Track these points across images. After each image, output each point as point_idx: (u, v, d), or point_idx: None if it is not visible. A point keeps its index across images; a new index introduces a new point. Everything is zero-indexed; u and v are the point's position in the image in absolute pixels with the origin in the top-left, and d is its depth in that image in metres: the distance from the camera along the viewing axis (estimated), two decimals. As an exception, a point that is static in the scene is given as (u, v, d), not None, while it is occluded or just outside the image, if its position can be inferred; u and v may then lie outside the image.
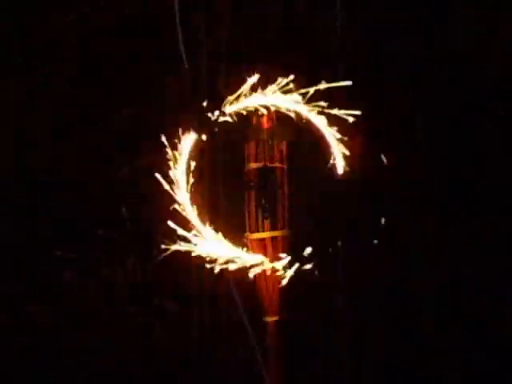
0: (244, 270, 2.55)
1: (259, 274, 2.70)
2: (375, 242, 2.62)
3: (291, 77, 2.51)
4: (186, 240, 2.51)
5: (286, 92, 2.54)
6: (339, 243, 2.70)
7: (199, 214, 2.55)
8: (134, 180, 3.24)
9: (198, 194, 2.57)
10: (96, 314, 3.25)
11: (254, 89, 2.53)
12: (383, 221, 2.81)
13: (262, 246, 2.70)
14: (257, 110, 2.63)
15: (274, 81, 2.54)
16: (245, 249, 2.62)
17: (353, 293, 3.16)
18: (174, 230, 2.48)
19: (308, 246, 2.56)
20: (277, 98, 2.55)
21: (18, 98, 3.34)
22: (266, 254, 2.68)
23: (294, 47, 3.11)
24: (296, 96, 2.51)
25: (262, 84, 2.54)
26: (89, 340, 3.21)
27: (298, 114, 2.56)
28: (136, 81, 3.29)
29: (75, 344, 3.21)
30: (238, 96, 2.54)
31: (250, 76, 2.52)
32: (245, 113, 2.58)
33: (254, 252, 2.67)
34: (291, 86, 2.51)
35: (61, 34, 3.33)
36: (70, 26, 3.32)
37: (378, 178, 3.07)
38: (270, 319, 2.76)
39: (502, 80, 3.20)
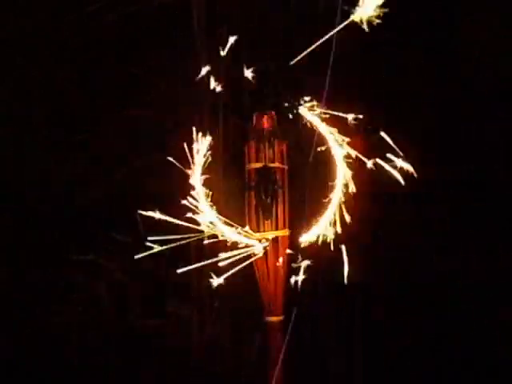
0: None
1: (262, 274, 2.71)
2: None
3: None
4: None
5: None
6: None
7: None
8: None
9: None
10: (108, 316, 3.26)
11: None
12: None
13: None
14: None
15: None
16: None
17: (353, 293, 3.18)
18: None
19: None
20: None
21: (18, 98, 3.35)
22: (266, 253, 2.68)
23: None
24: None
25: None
26: (98, 340, 3.23)
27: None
28: (141, 82, 3.31)
29: (86, 344, 3.22)
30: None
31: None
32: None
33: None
34: None
35: (62, 34, 3.34)
36: (70, 26, 3.33)
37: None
38: (273, 319, 2.75)
39: (502, 80, 3.20)
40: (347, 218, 2.47)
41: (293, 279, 2.51)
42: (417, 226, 3.24)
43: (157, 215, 2.54)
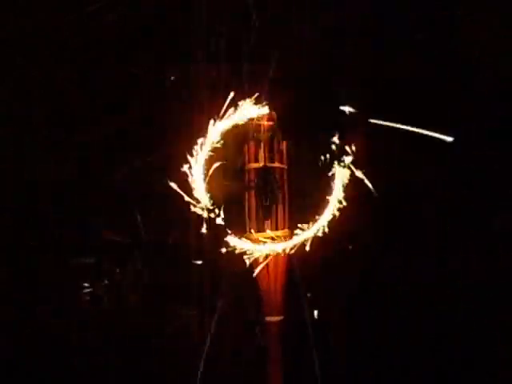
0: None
1: (262, 274, 2.71)
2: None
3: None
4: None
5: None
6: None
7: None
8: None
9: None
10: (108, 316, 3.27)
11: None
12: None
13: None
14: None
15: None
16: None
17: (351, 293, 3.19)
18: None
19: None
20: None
21: (18, 98, 3.35)
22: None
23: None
24: None
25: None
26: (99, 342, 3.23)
27: None
28: (139, 82, 3.31)
29: (86, 345, 3.23)
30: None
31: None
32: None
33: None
34: None
35: (62, 34, 3.34)
36: (70, 26, 3.33)
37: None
38: (273, 319, 2.76)
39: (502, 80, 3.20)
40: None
41: None
42: (417, 225, 3.24)
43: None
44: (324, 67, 3.17)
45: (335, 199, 2.52)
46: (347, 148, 2.55)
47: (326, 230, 2.54)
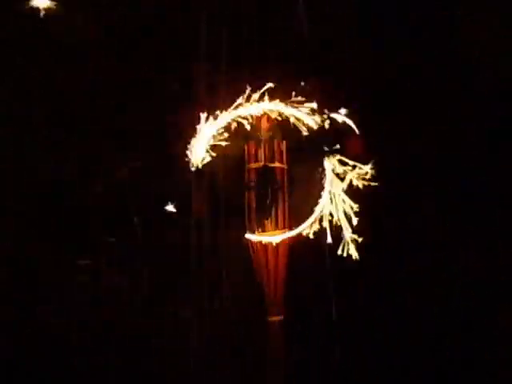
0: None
1: (262, 274, 2.71)
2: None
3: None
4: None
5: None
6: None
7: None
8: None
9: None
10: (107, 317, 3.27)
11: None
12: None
13: (262, 246, 2.70)
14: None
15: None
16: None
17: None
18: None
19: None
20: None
21: (18, 98, 3.35)
22: (266, 254, 2.69)
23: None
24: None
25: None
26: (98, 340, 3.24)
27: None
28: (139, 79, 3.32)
29: (86, 344, 3.24)
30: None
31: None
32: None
33: (254, 251, 2.70)
34: None
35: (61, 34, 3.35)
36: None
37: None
38: (273, 319, 2.76)
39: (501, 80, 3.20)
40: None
41: None
42: (417, 225, 3.24)
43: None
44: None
45: (328, 191, 2.55)
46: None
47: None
